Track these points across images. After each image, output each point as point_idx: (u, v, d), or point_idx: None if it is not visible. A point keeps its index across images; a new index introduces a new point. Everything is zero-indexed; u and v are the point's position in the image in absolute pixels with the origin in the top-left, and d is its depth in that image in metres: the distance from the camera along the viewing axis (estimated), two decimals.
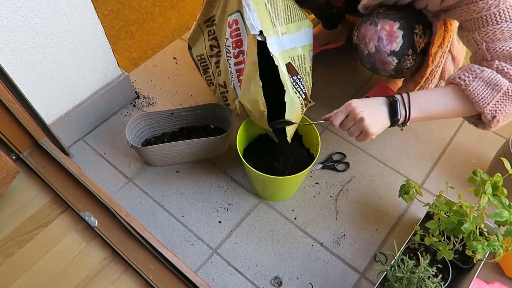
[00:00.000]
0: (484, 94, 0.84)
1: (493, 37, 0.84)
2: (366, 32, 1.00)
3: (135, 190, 1.22)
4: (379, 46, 0.98)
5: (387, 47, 0.97)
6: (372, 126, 0.87)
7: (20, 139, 1.16)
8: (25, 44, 1.00)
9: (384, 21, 0.97)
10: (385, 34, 0.97)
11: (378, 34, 0.97)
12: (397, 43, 0.97)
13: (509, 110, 0.85)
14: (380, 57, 1.00)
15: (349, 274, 1.07)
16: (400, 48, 0.97)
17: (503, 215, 0.80)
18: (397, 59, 0.99)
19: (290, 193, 1.19)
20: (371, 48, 1.00)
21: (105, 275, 1.03)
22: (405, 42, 0.97)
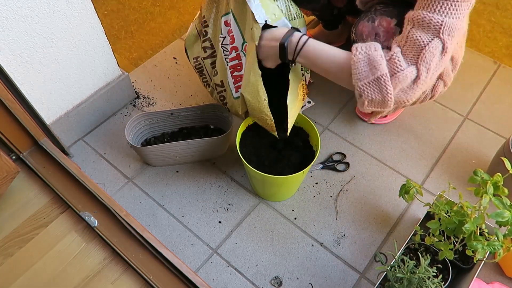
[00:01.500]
0: (361, 70, 0.85)
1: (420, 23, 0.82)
2: (363, 29, 0.99)
3: (135, 190, 1.21)
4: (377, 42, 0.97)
5: (384, 43, 0.96)
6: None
7: (20, 139, 1.16)
8: (25, 44, 1.00)
9: (381, 18, 0.97)
10: (383, 30, 0.96)
11: (375, 30, 0.97)
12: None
13: (374, 97, 0.87)
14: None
15: (349, 274, 1.07)
16: None
17: (504, 215, 0.79)
18: None
19: (290, 193, 1.19)
20: None
21: (105, 275, 1.03)
22: None
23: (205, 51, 1.15)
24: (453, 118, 1.38)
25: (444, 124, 1.36)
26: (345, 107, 1.40)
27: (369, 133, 1.34)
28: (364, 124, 1.36)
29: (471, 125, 1.36)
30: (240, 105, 1.09)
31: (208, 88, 1.25)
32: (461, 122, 1.37)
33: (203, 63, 1.19)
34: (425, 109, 1.39)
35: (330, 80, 0.98)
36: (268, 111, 1.00)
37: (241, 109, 1.10)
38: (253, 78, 0.98)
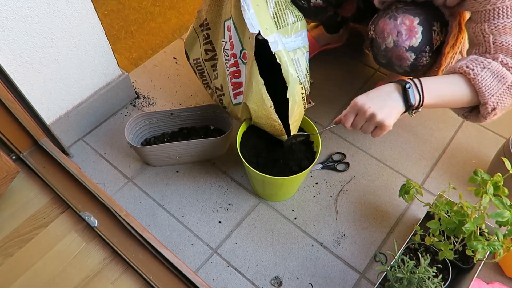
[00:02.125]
0: (491, 85, 0.84)
1: (502, 30, 0.84)
2: (385, 26, 0.98)
3: (135, 190, 1.21)
4: (398, 40, 0.97)
5: (406, 42, 0.96)
6: (387, 118, 0.84)
7: (20, 139, 1.16)
8: (25, 44, 1.00)
9: (404, 16, 0.95)
10: (405, 28, 0.95)
11: (397, 28, 0.96)
12: (417, 38, 0.96)
13: (508, 103, 0.87)
14: (398, 52, 0.99)
15: (349, 274, 1.07)
16: (419, 44, 0.96)
17: (505, 215, 0.79)
18: (415, 55, 0.98)
19: (290, 193, 1.19)
20: (389, 42, 0.98)
21: (105, 275, 1.03)
22: (424, 38, 0.96)
23: (207, 53, 1.15)
24: (453, 118, 1.37)
25: (444, 124, 1.36)
26: (345, 107, 1.40)
27: None
28: None
29: (471, 125, 1.36)
30: (241, 112, 1.09)
31: (208, 90, 1.25)
32: (461, 122, 1.37)
33: (204, 65, 1.19)
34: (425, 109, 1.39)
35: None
36: (275, 117, 1.00)
37: (241, 115, 1.10)
38: (256, 87, 0.98)
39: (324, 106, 1.41)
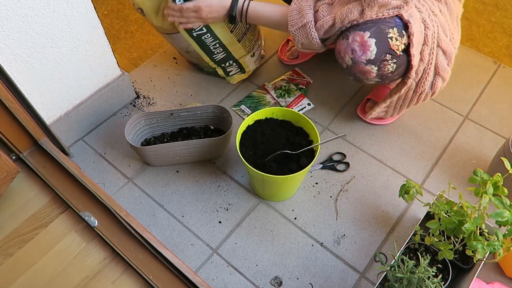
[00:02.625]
0: (293, 18, 1.06)
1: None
2: (340, 47, 1.03)
3: (135, 190, 1.22)
4: (354, 57, 1.01)
5: (362, 57, 1.00)
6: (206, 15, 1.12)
7: (20, 139, 1.16)
8: (25, 44, 1.00)
9: (354, 33, 0.99)
10: (357, 45, 0.99)
11: (350, 46, 1.00)
12: (371, 51, 0.98)
13: (303, 41, 1.08)
14: (358, 68, 1.02)
15: (349, 274, 1.07)
16: (376, 56, 0.99)
17: (504, 215, 0.79)
18: (376, 66, 1.01)
19: (290, 193, 1.19)
20: (347, 61, 1.03)
21: (105, 275, 1.03)
22: (379, 49, 0.98)
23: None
24: (453, 118, 1.38)
25: (444, 124, 1.36)
26: (345, 107, 1.41)
27: (369, 133, 1.34)
28: (364, 124, 1.36)
29: (471, 125, 1.36)
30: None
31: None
32: (461, 122, 1.37)
33: None
34: (425, 109, 1.39)
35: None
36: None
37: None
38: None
39: (324, 106, 1.41)
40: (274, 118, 1.15)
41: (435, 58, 1.07)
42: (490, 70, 1.51)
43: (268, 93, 1.43)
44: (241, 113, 1.38)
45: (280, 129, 1.13)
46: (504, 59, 1.56)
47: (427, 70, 1.08)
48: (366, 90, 1.44)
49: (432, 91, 1.12)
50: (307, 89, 1.45)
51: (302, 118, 1.12)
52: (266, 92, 1.44)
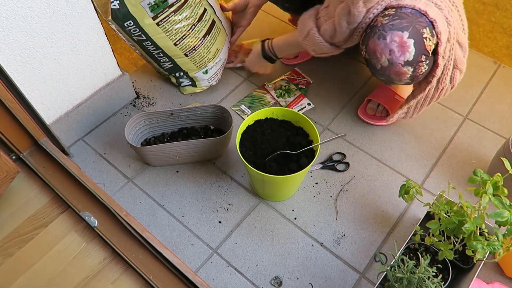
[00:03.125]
0: (300, 29, 1.16)
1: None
2: (376, 47, 0.98)
3: (135, 190, 1.22)
4: (392, 58, 0.97)
5: (400, 58, 0.96)
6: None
7: (20, 139, 1.16)
8: (25, 44, 1.00)
9: (392, 33, 0.95)
10: (396, 46, 0.95)
11: (388, 47, 0.96)
12: (410, 52, 0.95)
13: (313, 48, 1.16)
14: (395, 69, 0.99)
15: (349, 274, 1.07)
16: (414, 57, 0.96)
17: (504, 215, 0.79)
18: (412, 68, 0.98)
19: (290, 193, 1.19)
20: (383, 62, 0.98)
21: (105, 275, 1.03)
22: (417, 50, 0.95)
23: None
24: (453, 118, 1.38)
25: (444, 124, 1.36)
26: (345, 107, 1.41)
27: (369, 133, 1.34)
28: (364, 124, 1.36)
29: (471, 125, 1.36)
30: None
31: None
32: (461, 122, 1.37)
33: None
34: (425, 109, 1.39)
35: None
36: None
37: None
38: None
39: (324, 106, 1.41)
40: (274, 118, 1.15)
41: (454, 52, 1.06)
42: (490, 70, 1.51)
43: (268, 93, 1.43)
44: (241, 113, 1.38)
45: (280, 129, 1.13)
46: (504, 59, 1.56)
47: (447, 66, 1.07)
48: (366, 91, 1.44)
49: (451, 84, 1.12)
50: (307, 89, 1.45)
51: (302, 118, 1.12)
52: (266, 92, 1.44)
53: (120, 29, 1.20)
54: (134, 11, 1.13)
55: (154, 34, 1.20)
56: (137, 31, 1.19)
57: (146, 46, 1.25)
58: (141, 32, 1.19)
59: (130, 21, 1.15)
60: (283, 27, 1.64)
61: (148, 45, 1.24)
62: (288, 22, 1.67)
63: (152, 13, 1.15)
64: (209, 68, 1.36)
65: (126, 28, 1.18)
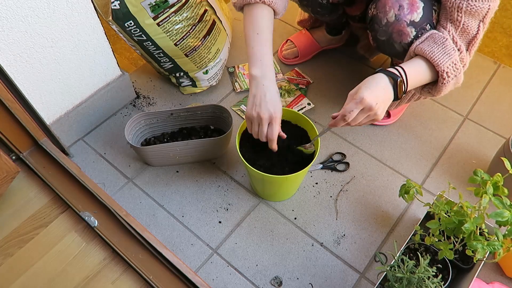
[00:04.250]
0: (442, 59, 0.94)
1: (474, 12, 0.92)
2: (387, 1, 0.99)
3: (135, 190, 1.22)
4: (400, 14, 0.97)
5: (407, 16, 0.97)
6: (381, 112, 0.92)
7: (20, 139, 1.16)
8: (25, 44, 1.00)
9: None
10: (407, 2, 0.96)
11: (399, 2, 0.97)
12: (418, 13, 0.96)
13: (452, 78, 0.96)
14: (399, 27, 0.99)
15: (349, 274, 1.07)
16: (420, 20, 0.97)
17: (504, 215, 0.79)
18: (415, 31, 0.98)
19: (290, 193, 1.19)
20: (390, 16, 0.99)
21: (105, 275, 1.03)
22: (424, 14, 0.96)
23: None
24: (453, 118, 1.38)
25: (444, 124, 1.36)
26: None
27: (369, 133, 1.34)
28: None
29: (471, 125, 1.36)
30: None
31: None
32: (461, 122, 1.37)
33: None
34: (425, 109, 1.39)
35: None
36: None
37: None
38: None
39: (324, 106, 1.41)
40: None
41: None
42: (490, 70, 1.51)
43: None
44: (241, 113, 1.38)
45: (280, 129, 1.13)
46: (504, 59, 1.56)
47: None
48: None
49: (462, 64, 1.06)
50: (307, 89, 1.45)
51: (302, 118, 1.12)
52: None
53: (120, 29, 1.20)
54: (134, 11, 1.13)
55: (154, 34, 1.20)
56: (138, 31, 1.19)
57: (146, 46, 1.25)
58: (141, 32, 1.19)
59: (130, 21, 1.16)
60: (283, 27, 1.64)
61: (148, 45, 1.24)
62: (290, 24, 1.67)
63: (153, 13, 1.15)
64: (209, 68, 1.36)
65: (127, 28, 1.18)
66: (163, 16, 1.17)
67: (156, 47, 1.25)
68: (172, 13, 1.18)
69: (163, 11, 1.16)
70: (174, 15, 1.19)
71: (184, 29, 1.23)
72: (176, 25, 1.21)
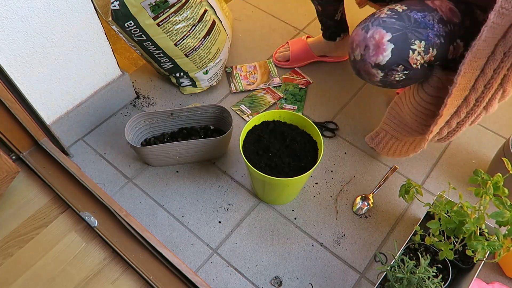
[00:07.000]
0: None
1: None
2: (355, 37, 0.92)
3: (135, 190, 1.22)
4: (364, 55, 0.91)
5: (372, 58, 0.90)
6: None
7: (20, 139, 1.16)
8: (25, 44, 1.00)
9: (376, 30, 0.89)
10: (373, 44, 0.89)
11: (366, 42, 0.90)
12: (384, 56, 0.88)
13: None
14: (364, 67, 0.93)
15: (349, 274, 1.07)
16: (387, 63, 0.89)
17: (504, 215, 0.79)
18: (382, 72, 0.92)
19: (291, 196, 1.18)
20: (357, 54, 0.93)
21: (105, 275, 1.03)
22: (394, 57, 0.88)
23: None
24: None
25: None
26: (345, 107, 1.40)
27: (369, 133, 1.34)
28: (364, 124, 1.36)
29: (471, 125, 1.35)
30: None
31: None
32: None
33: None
34: None
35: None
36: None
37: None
38: None
39: (324, 106, 1.41)
40: (281, 121, 1.14)
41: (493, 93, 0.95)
42: None
43: (268, 93, 1.43)
44: (241, 113, 1.38)
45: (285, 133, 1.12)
46: None
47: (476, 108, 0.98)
48: (367, 91, 1.44)
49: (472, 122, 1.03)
50: (307, 89, 1.45)
51: (304, 121, 1.11)
52: (267, 92, 1.43)
53: (120, 30, 1.20)
54: (134, 12, 1.13)
55: (154, 34, 1.20)
56: (138, 31, 1.19)
57: (146, 47, 1.25)
58: (141, 33, 1.19)
59: (130, 21, 1.16)
60: (283, 27, 1.64)
61: (148, 46, 1.24)
62: (291, 24, 1.66)
63: (153, 14, 1.15)
64: (209, 68, 1.36)
65: (127, 28, 1.18)
66: (163, 16, 1.17)
67: (156, 47, 1.25)
68: (172, 13, 1.18)
69: (163, 11, 1.16)
70: (174, 15, 1.19)
71: (184, 29, 1.23)
72: (176, 25, 1.21)
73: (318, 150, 1.08)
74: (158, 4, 1.14)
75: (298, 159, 1.07)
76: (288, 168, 1.06)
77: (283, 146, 1.10)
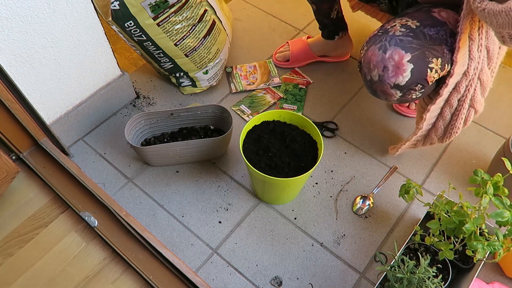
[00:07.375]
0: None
1: None
2: (372, 57, 0.90)
3: (135, 190, 1.22)
4: (383, 76, 0.89)
5: (391, 79, 0.89)
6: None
7: (20, 139, 1.16)
8: (25, 44, 1.00)
9: (394, 50, 0.87)
10: (392, 65, 0.87)
11: (384, 63, 0.88)
12: (404, 77, 0.88)
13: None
14: (382, 88, 0.92)
15: (349, 274, 1.07)
16: (407, 83, 0.89)
17: (504, 215, 0.79)
18: (401, 92, 0.92)
19: (291, 197, 1.18)
20: (374, 75, 0.91)
21: (105, 275, 1.03)
22: (413, 77, 0.88)
23: None
24: None
25: None
26: (345, 107, 1.41)
27: (369, 133, 1.34)
28: (364, 124, 1.36)
29: (471, 125, 1.36)
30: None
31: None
32: None
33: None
34: None
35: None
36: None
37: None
38: None
39: (324, 106, 1.41)
40: (281, 121, 1.14)
41: (473, 90, 0.97)
42: None
43: (268, 93, 1.43)
44: (241, 113, 1.38)
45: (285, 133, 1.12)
46: (504, 59, 1.56)
47: (461, 103, 0.99)
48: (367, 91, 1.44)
49: (464, 124, 1.04)
50: (307, 89, 1.45)
51: (304, 121, 1.11)
52: (267, 92, 1.44)
53: (120, 30, 1.20)
54: (134, 12, 1.13)
55: (154, 34, 1.20)
56: (138, 31, 1.19)
57: (146, 47, 1.25)
58: (141, 33, 1.19)
59: (130, 21, 1.16)
60: (283, 27, 1.64)
61: (148, 46, 1.24)
62: (291, 24, 1.66)
63: (153, 14, 1.15)
64: (209, 68, 1.36)
65: (127, 28, 1.18)
66: (163, 16, 1.17)
67: (156, 47, 1.25)
68: (172, 13, 1.18)
69: (163, 11, 1.16)
70: (174, 15, 1.19)
71: (184, 29, 1.23)
72: (176, 25, 1.21)
73: (318, 150, 1.08)
74: (158, 4, 1.14)
75: (298, 159, 1.07)
76: (288, 168, 1.06)
77: (283, 146, 1.10)
